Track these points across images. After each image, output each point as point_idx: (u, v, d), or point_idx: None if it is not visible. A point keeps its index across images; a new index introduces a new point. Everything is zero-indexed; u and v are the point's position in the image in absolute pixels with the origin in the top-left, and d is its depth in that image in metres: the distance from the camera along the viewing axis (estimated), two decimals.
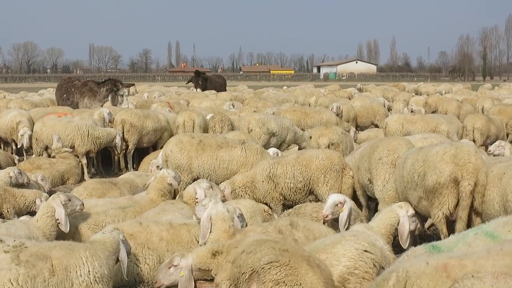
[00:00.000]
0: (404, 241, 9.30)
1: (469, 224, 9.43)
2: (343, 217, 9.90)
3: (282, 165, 12.36)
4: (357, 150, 13.53)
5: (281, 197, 12.32)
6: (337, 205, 9.87)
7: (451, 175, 9.27)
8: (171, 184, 11.79)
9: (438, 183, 9.36)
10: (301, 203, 12.14)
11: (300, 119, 21.90)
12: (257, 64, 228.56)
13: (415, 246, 8.51)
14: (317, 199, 12.31)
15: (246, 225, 9.65)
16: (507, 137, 23.43)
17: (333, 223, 10.05)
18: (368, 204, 12.44)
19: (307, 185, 12.20)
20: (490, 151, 17.84)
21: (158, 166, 14.62)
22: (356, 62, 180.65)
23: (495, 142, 18.67)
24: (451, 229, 9.39)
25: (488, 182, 9.35)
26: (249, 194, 12.49)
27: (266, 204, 12.46)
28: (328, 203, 9.88)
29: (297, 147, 18.89)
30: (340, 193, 11.64)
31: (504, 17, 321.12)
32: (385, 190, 11.14)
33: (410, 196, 9.99)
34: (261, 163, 12.77)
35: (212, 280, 8.14)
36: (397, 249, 9.27)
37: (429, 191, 9.49)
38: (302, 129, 20.25)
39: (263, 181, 12.34)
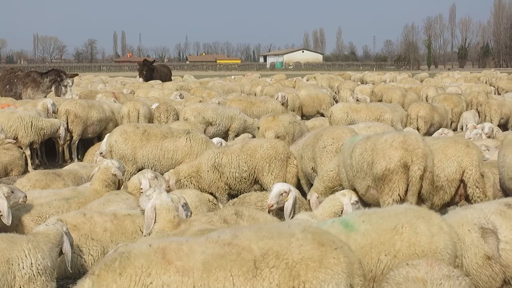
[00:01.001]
0: None
1: None
2: (288, 206, 9.95)
3: (227, 154, 12.37)
4: (300, 139, 13.61)
5: (226, 187, 12.33)
6: (282, 194, 9.91)
7: (400, 160, 9.32)
8: (115, 174, 11.70)
9: (388, 169, 9.38)
10: (246, 192, 12.18)
11: (245, 109, 21.87)
12: (204, 54, 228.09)
13: None
14: (262, 188, 12.36)
15: (191, 215, 9.64)
16: (451, 125, 23.75)
17: (278, 212, 10.10)
18: None
19: (252, 174, 12.23)
20: None
21: (101, 153, 14.45)
22: (303, 52, 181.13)
23: (438, 130, 18.93)
24: None
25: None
26: (194, 184, 12.46)
27: (211, 193, 12.45)
28: (273, 192, 9.91)
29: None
30: (285, 182, 11.72)
31: (448, 6, 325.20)
32: (325, 169, 11.24)
33: (358, 185, 10.02)
34: (206, 152, 12.75)
35: None
36: None
37: (378, 179, 9.51)
38: None
39: (208, 171, 12.32)
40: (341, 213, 9.46)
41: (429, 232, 6.22)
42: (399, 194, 9.38)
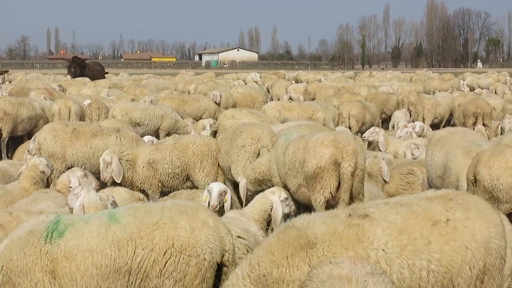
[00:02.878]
0: (278, 226, 9.40)
1: None
2: (227, 206, 9.95)
3: (160, 150, 12.30)
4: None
5: (159, 184, 12.28)
6: (221, 194, 9.89)
7: (331, 158, 9.42)
8: (43, 171, 11.53)
9: (319, 167, 9.46)
10: (178, 189, 12.15)
11: (178, 107, 21.75)
12: (139, 52, 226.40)
13: None
14: (193, 186, 12.34)
15: None
16: (382, 123, 24.08)
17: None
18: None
19: (184, 171, 12.20)
20: (364, 137, 18.24)
21: (29, 151, 14.24)
22: (238, 50, 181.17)
23: (370, 129, 19.13)
24: None
25: None
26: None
27: (142, 191, 12.38)
28: (215, 193, 9.84)
29: None
30: (216, 180, 11.74)
31: (382, 6, 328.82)
32: (258, 161, 11.34)
33: (290, 183, 10.12)
34: (141, 149, 12.65)
35: None
36: None
37: (310, 177, 9.59)
38: (182, 117, 20.16)
39: (143, 167, 12.25)
40: (271, 210, 9.49)
41: (189, 227, 6.31)
42: (330, 191, 9.47)
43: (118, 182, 11.94)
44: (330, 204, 9.59)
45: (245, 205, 10.71)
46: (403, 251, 5.41)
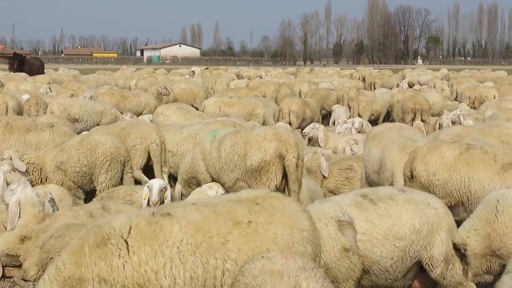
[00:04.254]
0: None
1: None
2: (167, 202, 9.91)
3: (65, 150, 11.99)
4: None
5: (75, 185, 11.96)
6: (162, 190, 9.85)
7: (276, 151, 9.73)
8: None
9: (264, 160, 9.74)
10: (87, 190, 12.00)
11: (118, 102, 21.54)
12: (80, 47, 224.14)
13: None
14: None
15: (58, 210, 9.46)
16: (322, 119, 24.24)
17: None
18: None
19: (91, 169, 11.97)
20: (304, 133, 18.33)
21: None
22: (180, 46, 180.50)
23: (309, 124, 19.23)
24: None
25: None
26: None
27: None
28: (155, 189, 9.79)
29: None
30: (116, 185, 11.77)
31: (324, 3, 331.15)
32: (183, 161, 11.70)
33: (226, 178, 10.26)
34: (46, 154, 12.14)
35: (20, 266, 7.97)
36: None
37: (254, 170, 9.83)
38: (121, 113, 20.00)
39: (53, 172, 11.87)
40: None
41: None
42: (275, 184, 9.79)
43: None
44: None
45: None
46: (197, 248, 5.35)
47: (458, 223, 7.69)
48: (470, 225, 7.55)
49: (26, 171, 11.36)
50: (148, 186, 9.86)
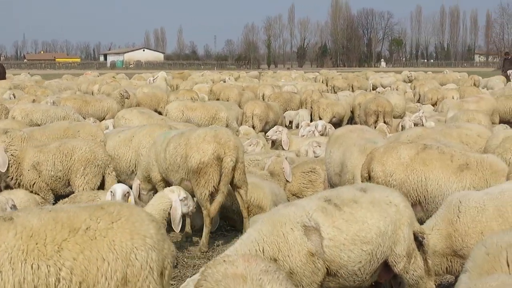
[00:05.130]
0: (177, 225, 9.46)
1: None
2: None
3: (44, 153, 12.00)
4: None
5: (48, 187, 11.97)
6: (125, 195, 9.81)
7: (214, 153, 10.08)
8: None
9: (202, 162, 10.09)
10: (61, 193, 11.97)
11: (80, 107, 21.43)
12: (42, 52, 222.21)
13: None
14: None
15: None
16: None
17: None
18: None
19: (66, 175, 11.95)
20: (268, 136, 18.41)
21: None
22: (144, 50, 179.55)
23: (273, 127, 19.29)
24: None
25: None
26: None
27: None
28: (119, 194, 9.75)
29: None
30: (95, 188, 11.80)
31: (287, 6, 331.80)
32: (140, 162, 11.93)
33: (172, 177, 10.71)
34: (28, 151, 12.28)
35: None
36: None
37: (193, 171, 10.17)
38: (84, 118, 19.88)
39: (29, 170, 11.95)
40: (170, 209, 9.46)
41: None
42: (213, 185, 10.18)
43: (3, 170, 11.62)
44: (214, 197, 10.30)
45: None
46: (28, 255, 5.30)
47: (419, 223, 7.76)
48: (432, 224, 7.58)
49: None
50: (111, 191, 9.82)
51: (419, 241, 7.14)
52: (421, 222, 7.78)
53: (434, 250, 7.46)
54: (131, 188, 10.68)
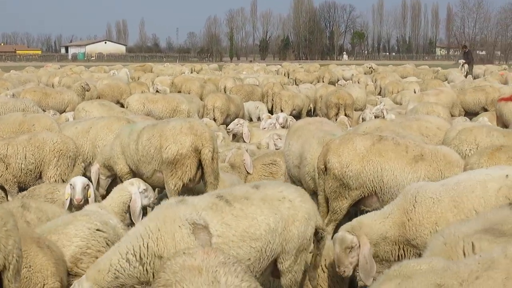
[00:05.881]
0: (137, 218, 9.40)
1: None
2: (91, 200, 9.88)
3: (13, 145, 11.94)
4: None
5: (15, 179, 11.92)
6: (85, 188, 9.77)
7: (192, 145, 10.10)
8: None
9: (180, 154, 10.09)
10: (33, 185, 11.88)
11: (40, 100, 21.29)
12: (2, 44, 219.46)
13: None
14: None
15: None
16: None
17: None
18: None
19: (38, 167, 11.91)
20: (229, 129, 18.46)
21: None
22: (105, 43, 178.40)
23: (234, 120, 19.34)
24: None
25: None
26: None
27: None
28: (79, 187, 9.70)
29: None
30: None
31: None
32: (104, 148, 11.99)
33: (144, 169, 10.66)
34: None
35: None
36: None
37: (169, 163, 10.15)
38: (44, 110, 19.73)
39: None
40: (129, 202, 9.44)
41: None
42: (190, 177, 10.22)
43: None
44: (187, 188, 10.31)
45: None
46: None
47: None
48: (388, 212, 7.62)
49: None
50: (71, 184, 9.77)
51: (319, 237, 7.13)
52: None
53: (385, 236, 7.52)
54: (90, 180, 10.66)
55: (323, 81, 37.65)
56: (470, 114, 21.97)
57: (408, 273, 5.08)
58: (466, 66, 41.46)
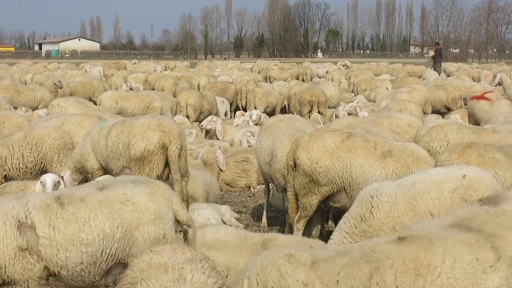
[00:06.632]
0: None
1: None
2: None
3: (7, 146, 11.78)
4: None
5: (1, 181, 11.74)
6: (55, 184, 9.70)
7: (159, 142, 10.12)
8: None
9: (147, 150, 10.12)
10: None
11: (12, 97, 21.23)
12: None
13: None
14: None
15: None
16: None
17: None
18: None
19: (38, 165, 11.82)
20: (202, 126, 18.47)
21: None
22: (79, 40, 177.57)
23: (207, 117, 19.36)
24: None
25: None
26: None
27: None
28: (49, 184, 9.58)
29: None
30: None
31: None
32: (72, 153, 11.62)
33: (113, 165, 10.68)
34: None
35: None
36: None
37: (137, 159, 10.18)
38: (15, 107, 19.63)
39: None
40: None
41: None
42: (157, 173, 10.20)
43: None
44: None
45: None
46: None
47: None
48: (345, 227, 7.47)
49: None
50: (41, 181, 9.69)
51: (184, 232, 6.90)
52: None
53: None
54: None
55: (303, 79, 37.86)
56: (439, 112, 22.14)
57: None
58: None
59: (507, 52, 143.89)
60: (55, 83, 23.55)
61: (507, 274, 4.94)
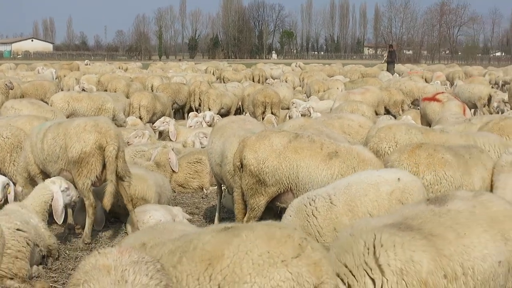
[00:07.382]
0: (59, 217, 9.37)
1: None
2: (11, 198, 9.84)
3: None
4: None
5: None
6: (5, 187, 9.65)
7: (96, 143, 10.05)
8: None
9: (84, 152, 10.04)
10: None
11: None
12: None
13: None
14: None
15: None
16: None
17: None
18: None
19: None
20: (155, 127, 18.45)
21: None
22: (32, 40, 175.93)
23: (160, 118, 19.36)
24: None
25: None
26: None
27: None
28: None
29: None
30: None
31: None
32: (17, 163, 11.51)
33: (50, 168, 10.58)
34: None
35: None
36: None
37: (75, 162, 10.10)
38: None
39: None
40: (51, 201, 9.34)
41: None
42: (96, 175, 10.20)
43: None
44: (95, 186, 10.41)
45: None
46: None
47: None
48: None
49: None
50: None
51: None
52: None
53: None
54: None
55: (259, 80, 38.07)
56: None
57: None
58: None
59: (459, 53, 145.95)
60: (6, 84, 23.25)
61: (299, 271, 5.03)
